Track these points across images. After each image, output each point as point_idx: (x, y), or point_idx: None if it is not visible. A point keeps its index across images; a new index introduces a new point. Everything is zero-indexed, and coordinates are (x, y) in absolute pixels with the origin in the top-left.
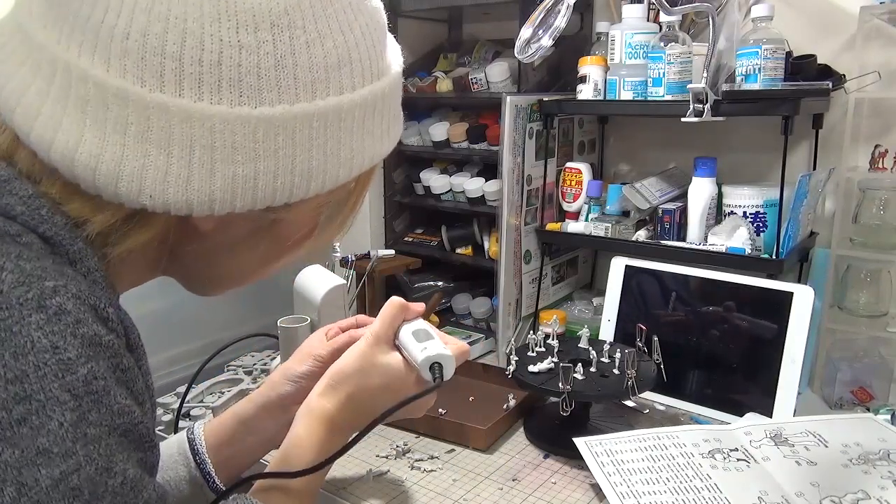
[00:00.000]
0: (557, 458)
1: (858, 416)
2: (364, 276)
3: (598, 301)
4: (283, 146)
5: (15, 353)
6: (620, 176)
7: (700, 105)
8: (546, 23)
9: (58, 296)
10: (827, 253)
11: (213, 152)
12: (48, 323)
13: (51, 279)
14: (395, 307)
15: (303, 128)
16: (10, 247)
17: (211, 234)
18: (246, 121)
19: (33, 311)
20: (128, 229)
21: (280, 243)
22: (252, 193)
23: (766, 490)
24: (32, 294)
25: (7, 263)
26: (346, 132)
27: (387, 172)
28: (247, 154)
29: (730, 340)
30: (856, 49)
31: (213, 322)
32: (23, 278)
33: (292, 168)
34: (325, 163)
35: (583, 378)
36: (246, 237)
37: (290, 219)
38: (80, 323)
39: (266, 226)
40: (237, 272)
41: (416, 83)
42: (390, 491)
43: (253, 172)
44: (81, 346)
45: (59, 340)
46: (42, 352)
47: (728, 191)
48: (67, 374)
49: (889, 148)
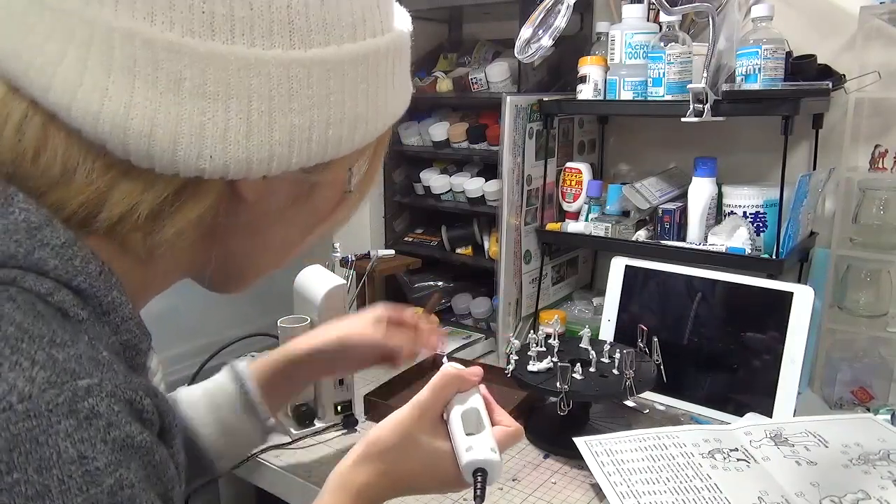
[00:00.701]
0: (557, 458)
1: (858, 416)
2: (364, 276)
3: (598, 301)
4: (335, 90)
5: (39, 468)
6: (620, 176)
7: (700, 105)
8: (546, 23)
9: (91, 397)
10: (827, 253)
11: (272, 101)
12: (77, 429)
13: (85, 375)
14: (448, 379)
15: (350, 70)
16: (43, 326)
17: (254, 205)
18: (301, 64)
19: (63, 418)
20: (179, 205)
21: (316, 211)
22: (307, 146)
23: (766, 490)
24: (64, 398)
25: (38, 355)
26: (382, 77)
27: (387, 172)
28: (302, 102)
29: (730, 340)
30: (856, 49)
31: (213, 322)
32: (54, 377)
33: (342, 116)
34: (367, 110)
35: (582, 378)
36: (286, 206)
37: (326, 182)
38: (111, 426)
39: (306, 191)
40: (276, 250)
41: (416, 83)
42: None
43: (308, 122)
44: (111, 453)
45: (88, 449)
46: (68, 464)
47: (728, 191)
48: (92, 486)
49: (889, 148)
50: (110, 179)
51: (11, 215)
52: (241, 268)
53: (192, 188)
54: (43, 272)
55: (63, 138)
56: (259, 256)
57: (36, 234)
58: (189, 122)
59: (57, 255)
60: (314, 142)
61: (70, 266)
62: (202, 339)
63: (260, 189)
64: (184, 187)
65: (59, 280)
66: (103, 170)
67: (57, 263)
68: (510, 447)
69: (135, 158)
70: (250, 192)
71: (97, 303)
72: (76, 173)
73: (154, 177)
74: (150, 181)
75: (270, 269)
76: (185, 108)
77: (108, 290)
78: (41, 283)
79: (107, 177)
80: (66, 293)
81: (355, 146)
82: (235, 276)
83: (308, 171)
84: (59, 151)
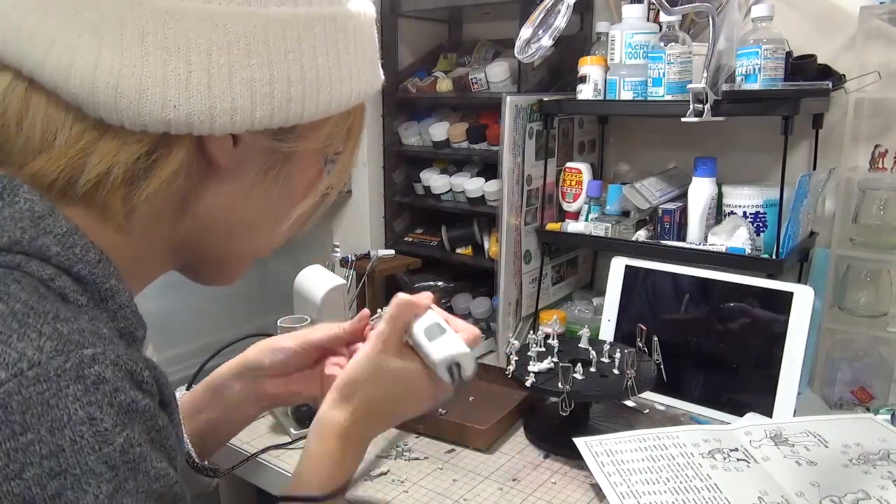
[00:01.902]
0: (557, 458)
1: (858, 416)
2: (364, 276)
3: (598, 301)
4: (292, 49)
5: (51, 428)
6: (620, 176)
7: (700, 105)
8: (546, 23)
9: (96, 364)
10: (827, 253)
11: (230, 55)
12: (86, 394)
13: (89, 346)
14: (401, 306)
15: (307, 31)
16: (47, 304)
17: (228, 170)
18: (258, 19)
19: (71, 383)
20: (152, 162)
21: (292, 188)
22: (269, 101)
23: (766, 490)
24: (71, 364)
25: (45, 327)
26: (342, 44)
27: (387, 172)
28: (260, 57)
29: (730, 340)
30: (856, 49)
31: (213, 322)
32: (61, 346)
33: (302, 74)
34: (330, 73)
35: (582, 378)
36: (261, 176)
37: (301, 153)
38: (117, 391)
39: (279, 162)
40: (254, 228)
41: (416, 83)
42: (390, 491)
43: (269, 77)
44: (118, 415)
45: (96, 411)
46: (79, 424)
47: (728, 191)
48: (104, 445)
49: (889, 148)
50: (87, 142)
51: (17, 204)
52: (221, 250)
53: (162, 147)
54: (45, 258)
55: (42, 102)
56: (237, 234)
57: (40, 223)
58: (152, 74)
59: (59, 242)
60: (276, 97)
61: (71, 253)
62: (202, 339)
63: (231, 153)
64: (155, 146)
65: (60, 266)
66: (80, 133)
67: (59, 250)
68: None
69: (105, 113)
70: (221, 154)
71: (96, 290)
72: (56, 139)
73: (126, 136)
74: (123, 140)
75: (250, 253)
76: (149, 62)
77: (107, 278)
78: (44, 269)
79: (83, 140)
80: (67, 279)
81: (320, 110)
82: (217, 260)
83: (277, 137)
84: (39, 116)
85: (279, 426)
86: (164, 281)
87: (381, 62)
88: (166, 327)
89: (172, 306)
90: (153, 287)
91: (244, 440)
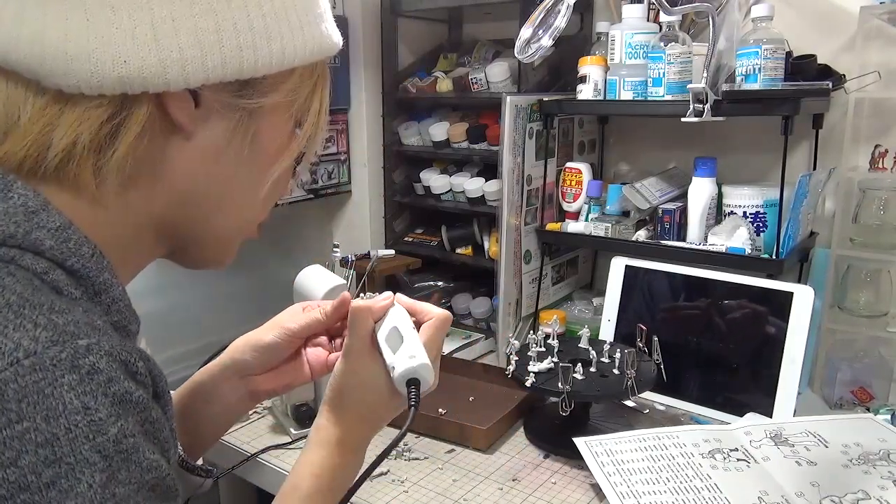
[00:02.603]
0: (557, 458)
1: (858, 416)
2: (364, 276)
3: (598, 301)
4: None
5: (46, 417)
6: (620, 176)
7: (700, 105)
8: (546, 23)
9: (91, 355)
10: (827, 253)
11: (172, 6)
12: (80, 383)
13: (84, 336)
14: (360, 312)
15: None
16: (42, 296)
17: (194, 134)
18: None
19: (66, 372)
20: (115, 128)
21: (262, 148)
22: (219, 50)
23: (766, 490)
24: (66, 354)
25: (40, 318)
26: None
27: (387, 172)
28: (202, 6)
29: (730, 340)
30: (856, 49)
31: (213, 322)
32: (56, 336)
33: (249, 23)
34: (278, 23)
35: (583, 378)
36: (228, 137)
37: (265, 109)
38: (111, 381)
39: (245, 120)
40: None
41: (416, 83)
42: (390, 491)
43: (214, 25)
44: (112, 405)
45: (91, 401)
46: (73, 413)
47: (728, 191)
48: (98, 435)
49: (889, 148)
50: (49, 117)
51: (11, 199)
52: (202, 222)
53: (124, 110)
54: (39, 252)
55: (3, 85)
56: (214, 205)
57: (33, 218)
58: (98, 33)
59: (53, 236)
60: (225, 46)
61: (65, 248)
62: (202, 339)
63: (192, 113)
64: (117, 111)
65: (54, 260)
66: (41, 108)
67: (53, 244)
68: (444, 335)
69: (60, 80)
70: (182, 114)
71: (89, 283)
72: (19, 118)
73: (86, 103)
74: (84, 109)
75: (232, 225)
76: (94, 21)
77: (100, 272)
78: (38, 263)
79: (46, 115)
80: (61, 273)
81: (275, 61)
82: (202, 238)
83: (237, 93)
84: (1, 98)
85: (279, 426)
86: (164, 281)
87: (381, 62)
88: (166, 327)
89: (172, 306)
90: (153, 287)
91: (244, 440)
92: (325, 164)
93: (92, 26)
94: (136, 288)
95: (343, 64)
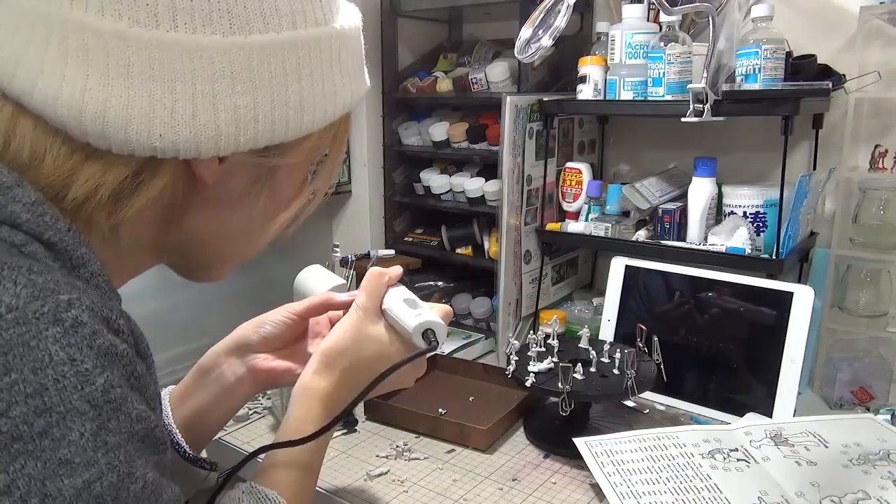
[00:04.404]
0: (557, 458)
1: (858, 416)
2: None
3: (598, 301)
4: (276, 74)
5: (34, 368)
6: (620, 176)
7: (700, 105)
8: (546, 23)
9: (73, 308)
10: (827, 253)
11: (215, 84)
12: (65, 336)
13: (65, 292)
14: (377, 276)
15: (291, 55)
16: (21, 259)
17: (214, 187)
18: (240, 48)
19: (50, 325)
20: (138, 183)
21: (277, 197)
22: (254, 126)
23: (766, 490)
24: (48, 308)
25: (20, 277)
26: (327, 64)
27: (387, 172)
28: (244, 84)
29: (730, 340)
30: (856, 49)
31: (213, 322)
32: (37, 292)
33: (286, 98)
34: (314, 94)
35: (583, 378)
36: (247, 189)
37: (286, 165)
38: (95, 334)
39: (265, 175)
40: (240, 235)
41: (416, 83)
42: (390, 491)
43: (252, 103)
44: (97, 357)
45: (76, 353)
46: (60, 364)
47: (728, 191)
48: (86, 385)
49: (889, 148)
50: (74, 163)
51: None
52: (208, 254)
53: (149, 169)
54: (16, 225)
55: (30, 126)
56: (224, 242)
57: (8, 192)
58: (138, 103)
59: (28, 210)
60: (260, 122)
61: (41, 221)
62: (202, 339)
63: (217, 171)
64: (142, 168)
65: (31, 234)
66: (68, 154)
67: (29, 217)
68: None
69: (93, 140)
70: (207, 173)
71: (67, 257)
72: (45, 159)
73: (113, 158)
74: (110, 163)
75: (237, 256)
76: (135, 92)
77: (78, 246)
78: (14, 235)
79: (71, 161)
80: (38, 246)
81: (304, 129)
82: (205, 262)
83: (262, 154)
84: (27, 139)
85: (279, 426)
86: (164, 281)
87: (381, 62)
88: (165, 327)
89: (171, 306)
90: (152, 287)
91: (244, 440)
92: None
93: (133, 96)
94: (136, 288)
95: None
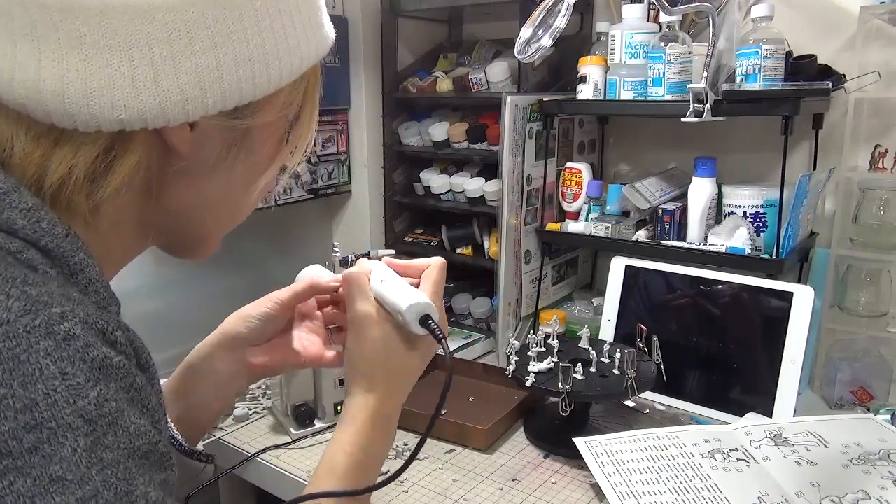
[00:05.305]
0: (557, 458)
1: (858, 416)
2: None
3: (598, 301)
4: (234, 29)
5: (23, 382)
6: (620, 176)
7: (700, 105)
8: (546, 23)
9: (66, 321)
10: (827, 253)
11: (172, 46)
12: (56, 349)
13: (58, 305)
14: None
15: (247, 8)
16: (15, 270)
17: (189, 156)
18: (193, 5)
19: (41, 339)
20: (111, 160)
21: (255, 160)
22: (219, 86)
23: (766, 490)
24: (40, 321)
25: (12, 290)
26: (286, 15)
27: (387, 172)
28: (203, 43)
29: (730, 340)
30: (856, 49)
31: (212, 322)
32: (29, 305)
33: (249, 53)
34: (277, 47)
35: (583, 378)
36: (222, 155)
37: (259, 126)
38: (88, 347)
39: (239, 138)
40: (222, 204)
41: (416, 83)
42: (390, 491)
43: (214, 62)
44: (90, 370)
45: (68, 366)
46: (51, 378)
47: (728, 191)
48: (78, 399)
49: (889, 148)
50: (44, 149)
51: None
52: (193, 227)
53: (120, 144)
54: (12, 231)
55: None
56: (206, 212)
57: (5, 198)
58: (97, 75)
59: (25, 216)
60: (225, 81)
61: (38, 227)
62: (202, 339)
63: (189, 138)
64: (112, 144)
65: (27, 240)
66: (35, 141)
67: (25, 223)
68: (444, 278)
69: (56, 119)
70: (179, 142)
71: (65, 263)
72: (14, 149)
73: (82, 137)
74: (79, 142)
75: (222, 227)
76: (91, 64)
77: (75, 252)
78: (11, 242)
79: (40, 148)
80: (35, 252)
81: (272, 85)
82: (190, 237)
83: (233, 115)
84: None
85: (279, 426)
86: (164, 281)
87: (381, 62)
88: (166, 327)
89: (172, 306)
90: (153, 287)
91: (244, 440)
92: (325, 163)
93: (90, 68)
94: (135, 288)
95: (343, 64)
